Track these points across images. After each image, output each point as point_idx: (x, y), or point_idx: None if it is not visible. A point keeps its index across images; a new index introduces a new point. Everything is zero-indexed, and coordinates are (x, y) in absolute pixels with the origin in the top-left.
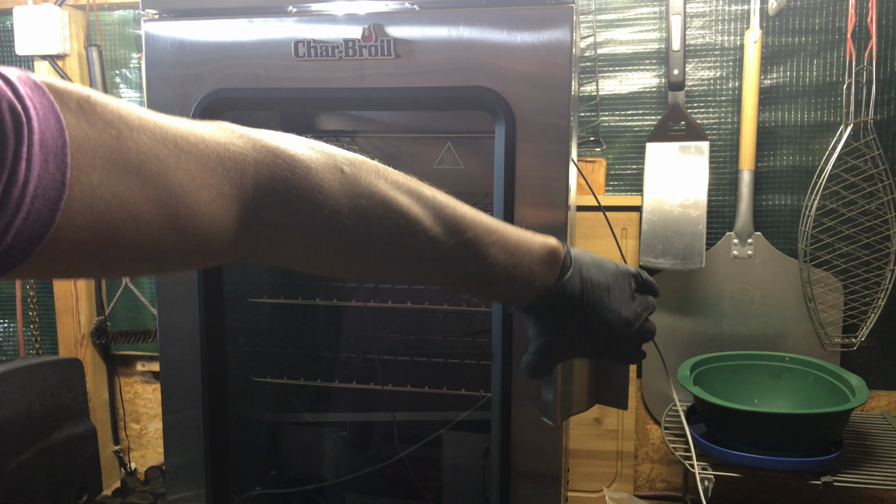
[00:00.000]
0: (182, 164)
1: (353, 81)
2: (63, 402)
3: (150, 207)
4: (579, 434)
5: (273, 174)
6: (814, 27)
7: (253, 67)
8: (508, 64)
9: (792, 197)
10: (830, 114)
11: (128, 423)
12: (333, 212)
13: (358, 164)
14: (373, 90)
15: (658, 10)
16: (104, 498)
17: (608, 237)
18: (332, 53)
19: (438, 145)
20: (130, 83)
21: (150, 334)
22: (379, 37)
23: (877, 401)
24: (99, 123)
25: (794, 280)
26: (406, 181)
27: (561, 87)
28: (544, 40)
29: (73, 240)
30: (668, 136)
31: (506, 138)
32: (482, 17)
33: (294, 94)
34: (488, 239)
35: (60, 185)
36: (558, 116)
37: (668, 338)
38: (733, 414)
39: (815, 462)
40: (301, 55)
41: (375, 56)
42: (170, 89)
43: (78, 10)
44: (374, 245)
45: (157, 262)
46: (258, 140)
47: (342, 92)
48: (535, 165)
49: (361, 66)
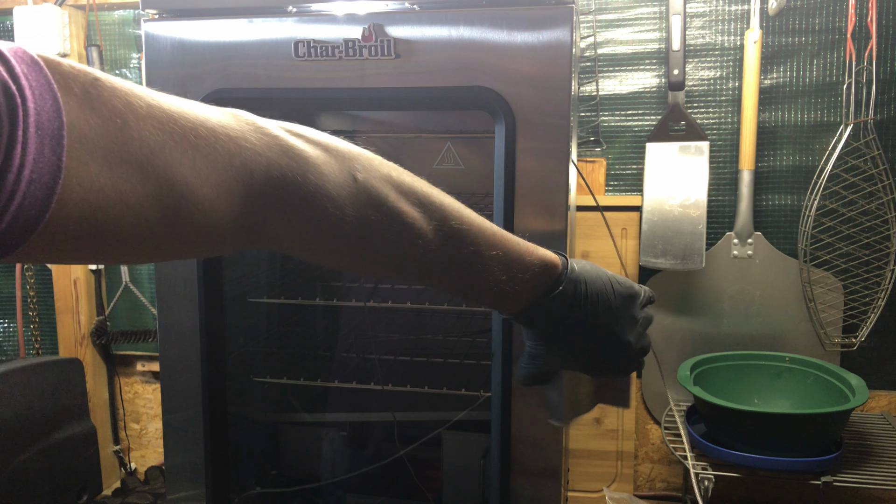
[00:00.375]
0: (188, 159)
1: (354, 81)
2: (63, 402)
3: (151, 203)
4: (579, 434)
5: (284, 176)
6: (814, 27)
7: (253, 67)
8: (508, 64)
9: (792, 197)
10: (830, 114)
11: (128, 423)
12: (339, 220)
13: (371, 170)
14: (373, 90)
15: (658, 10)
16: (104, 498)
17: (607, 237)
18: (332, 53)
19: (439, 145)
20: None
21: (150, 334)
22: (379, 37)
23: (877, 401)
24: (103, 111)
25: (794, 280)
26: (415, 187)
27: (561, 88)
28: (544, 40)
29: (69, 228)
30: (668, 136)
31: (506, 138)
32: (482, 17)
33: (294, 94)
34: (488, 253)
35: (56, 169)
36: (558, 116)
37: (668, 338)
38: (733, 414)
39: (814, 462)
40: (301, 55)
41: (375, 56)
42: (170, 89)
43: (78, 10)
44: (374, 251)
45: (153, 252)
46: (274, 136)
47: (342, 92)
48: (535, 165)
49: (361, 66)
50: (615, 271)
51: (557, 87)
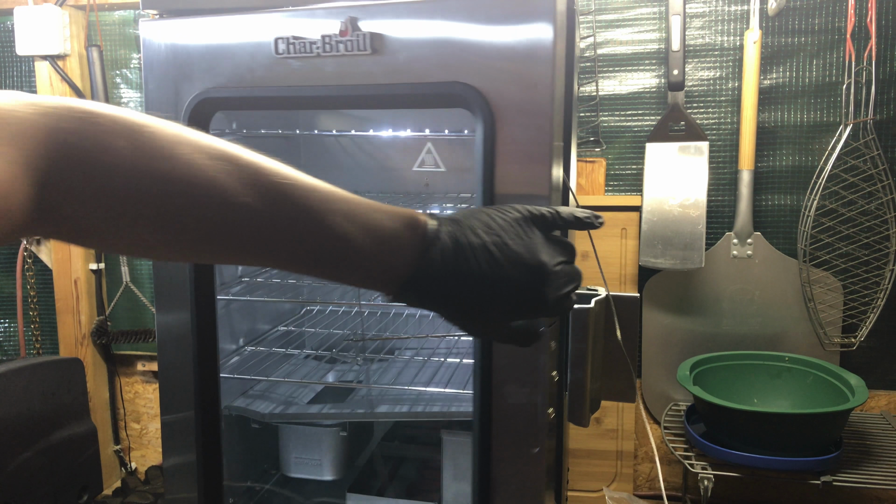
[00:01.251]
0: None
1: (332, 79)
2: (64, 401)
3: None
4: (579, 434)
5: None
6: (813, 27)
7: (238, 67)
8: (488, 59)
9: (791, 197)
10: (830, 114)
11: (128, 422)
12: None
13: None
14: (349, 87)
15: (658, 10)
16: (105, 497)
17: (608, 237)
18: (310, 50)
19: (419, 146)
20: (131, 83)
21: (150, 334)
22: (354, 31)
23: (876, 401)
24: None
25: (793, 280)
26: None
27: (542, 84)
28: (524, 34)
29: None
30: (667, 137)
31: (484, 137)
32: (459, 7)
33: (271, 92)
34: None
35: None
36: (540, 115)
37: (667, 338)
38: (733, 414)
39: (814, 462)
40: (281, 52)
41: (352, 52)
42: (164, 90)
43: (78, 10)
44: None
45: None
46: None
47: (321, 90)
48: (515, 167)
49: (339, 62)
50: (615, 271)
51: (539, 84)
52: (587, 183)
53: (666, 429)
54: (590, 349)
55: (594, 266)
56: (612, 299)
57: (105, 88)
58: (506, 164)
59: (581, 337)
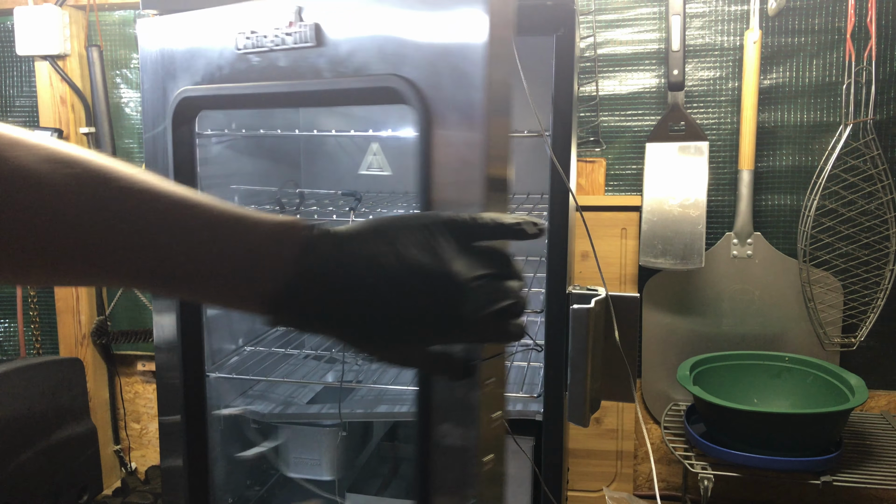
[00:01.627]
0: None
1: (285, 74)
2: (64, 401)
3: None
4: (579, 434)
5: None
6: (813, 27)
7: (209, 64)
8: (423, 51)
9: (791, 197)
10: (830, 114)
11: (128, 422)
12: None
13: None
14: (288, 84)
15: (658, 10)
16: (105, 497)
17: (608, 237)
18: (263, 44)
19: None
20: (131, 83)
21: (150, 334)
22: (300, 22)
23: (876, 401)
24: None
25: (793, 280)
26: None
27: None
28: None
29: None
30: (667, 137)
31: (420, 137)
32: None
33: (233, 91)
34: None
35: None
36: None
37: (667, 338)
38: (733, 414)
39: (814, 462)
40: (241, 48)
41: (298, 45)
42: (156, 89)
43: (78, 10)
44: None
45: None
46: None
47: (270, 87)
48: (450, 169)
49: (289, 56)
50: (615, 271)
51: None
52: (587, 183)
53: (666, 429)
54: (589, 349)
55: (594, 266)
56: (611, 299)
57: (105, 88)
58: (441, 166)
59: (581, 337)
